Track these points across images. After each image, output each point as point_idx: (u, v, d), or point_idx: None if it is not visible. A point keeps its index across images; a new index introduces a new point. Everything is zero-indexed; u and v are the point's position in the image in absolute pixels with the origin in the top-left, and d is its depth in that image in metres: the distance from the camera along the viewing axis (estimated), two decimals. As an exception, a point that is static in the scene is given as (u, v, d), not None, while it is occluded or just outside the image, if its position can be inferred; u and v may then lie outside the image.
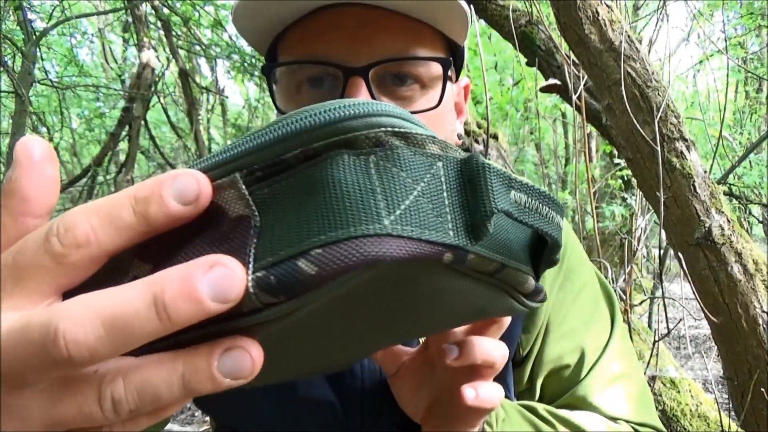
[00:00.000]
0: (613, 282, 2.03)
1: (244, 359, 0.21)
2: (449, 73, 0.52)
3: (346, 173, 0.21)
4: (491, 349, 0.38)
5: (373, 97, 0.48)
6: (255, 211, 0.21)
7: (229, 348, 0.21)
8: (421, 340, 0.49)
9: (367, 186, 0.21)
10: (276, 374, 0.35)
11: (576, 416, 0.55)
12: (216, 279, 0.19)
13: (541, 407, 0.55)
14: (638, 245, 2.08)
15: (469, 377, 0.40)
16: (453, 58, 0.55)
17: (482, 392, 0.39)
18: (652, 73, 1.42)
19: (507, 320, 0.40)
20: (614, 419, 0.57)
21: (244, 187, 0.22)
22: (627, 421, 0.58)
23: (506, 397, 0.49)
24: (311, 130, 0.22)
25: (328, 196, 0.21)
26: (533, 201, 0.26)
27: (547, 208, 0.27)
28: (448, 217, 0.22)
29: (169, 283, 0.20)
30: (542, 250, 0.29)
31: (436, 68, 0.51)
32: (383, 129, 0.22)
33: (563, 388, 0.59)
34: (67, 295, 0.22)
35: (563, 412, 0.55)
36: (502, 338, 0.41)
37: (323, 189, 0.21)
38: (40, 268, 0.21)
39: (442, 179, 0.22)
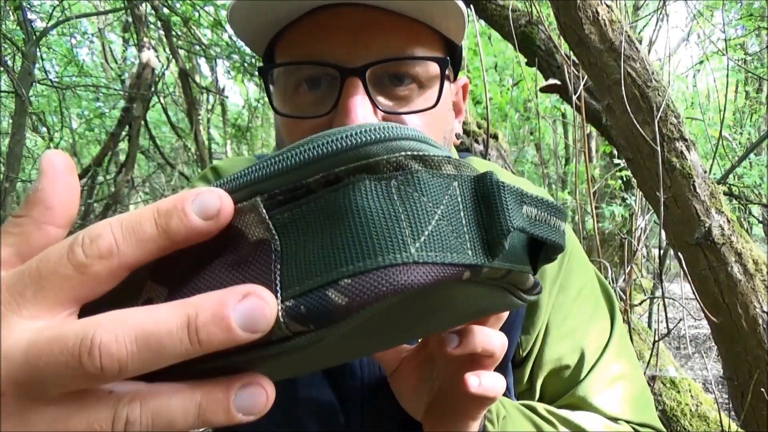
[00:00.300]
0: (613, 282, 2.03)
1: (260, 396, 0.22)
2: (447, 72, 0.52)
3: (369, 199, 0.21)
4: (491, 337, 0.38)
5: (369, 97, 0.48)
6: (275, 236, 0.22)
7: (247, 384, 0.22)
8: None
9: (391, 213, 0.21)
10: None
11: (576, 416, 0.55)
12: (248, 309, 0.20)
13: (541, 407, 0.55)
14: (638, 245, 2.08)
15: (469, 368, 0.40)
16: (451, 58, 0.54)
17: (485, 381, 0.39)
18: (652, 73, 1.42)
19: (506, 312, 0.40)
20: (614, 419, 0.57)
21: (264, 211, 0.22)
22: (627, 422, 0.58)
23: (506, 397, 0.49)
24: (333, 155, 0.22)
25: (352, 223, 0.21)
26: (543, 213, 0.26)
27: (555, 218, 0.27)
28: (466, 237, 0.23)
29: (203, 308, 0.20)
30: (539, 246, 0.30)
31: (434, 68, 0.51)
32: (404, 153, 0.22)
33: (563, 389, 0.59)
34: (82, 313, 0.22)
35: (563, 412, 0.55)
36: None
37: (347, 215, 0.21)
38: (63, 277, 0.21)
39: (459, 199, 0.23)
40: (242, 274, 0.21)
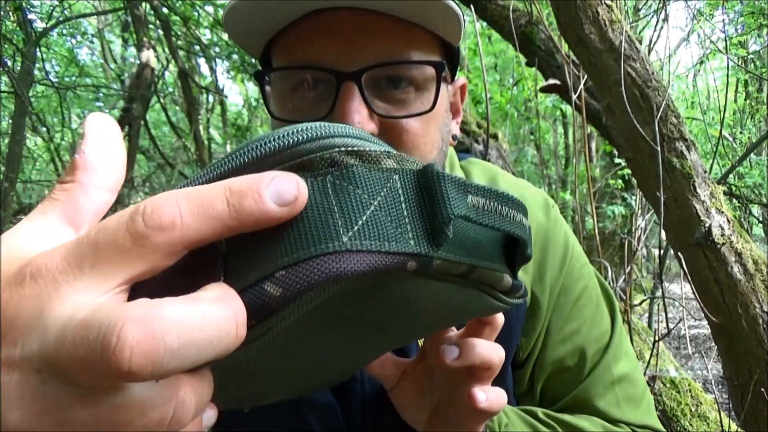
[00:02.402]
0: (613, 282, 2.03)
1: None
2: (444, 74, 0.52)
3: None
4: (490, 350, 0.39)
5: (366, 102, 0.48)
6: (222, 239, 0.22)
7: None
8: (420, 342, 0.49)
9: (325, 206, 0.22)
10: (271, 393, 0.36)
11: (576, 420, 0.55)
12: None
13: (541, 411, 0.55)
14: (638, 245, 2.08)
15: (468, 380, 0.40)
16: (448, 59, 0.54)
17: (491, 396, 0.40)
18: (652, 73, 1.42)
19: (500, 322, 0.40)
20: (614, 422, 0.57)
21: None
22: (627, 423, 0.58)
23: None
24: (269, 156, 0.23)
25: (289, 219, 0.22)
26: (492, 203, 0.27)
27: (508, 208, 0.27)
28: (408, 227, 0.23)
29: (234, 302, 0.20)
30: (515, 249, 0.31)
31: (431, 70, 0.51)
32: (337, 149, 0.23)
33: (564, 391, 0.59)
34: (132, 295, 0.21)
35: (563, 416, 0.56)
36: (501, 341, 0.41)
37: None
38: (120, 249, 0.20)
39: (400, 191, 0.24)
40: (192, 278, 0.21)
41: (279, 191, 0.21)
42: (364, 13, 0.48)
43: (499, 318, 0.40)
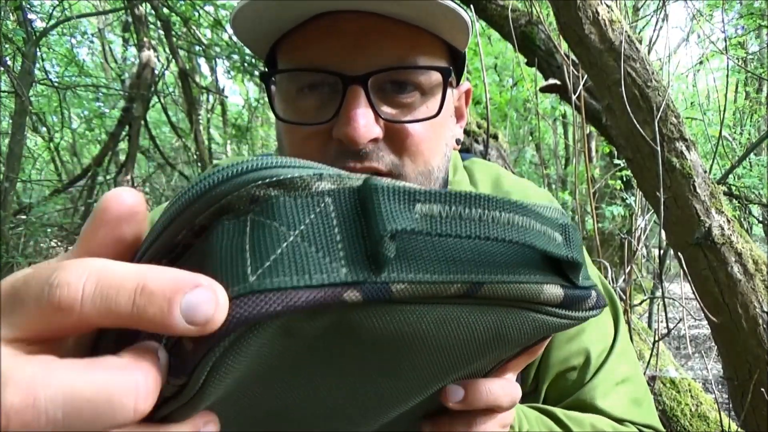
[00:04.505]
0: (613, 282, 2.03)
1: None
2: (450, 79, 0.52)
3: (223, 239, 0.21)
4: (499, 394, 0.35)
5: (372, 105, 0.48)
6: None
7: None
8: None
9: (238, 246, 0.20)
10: None
11: (588, 419, 0.56)
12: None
13: (560, 412, 0.55)
14: (638, 245, 2.08)
15: (476, 418, 0.37)
16: (454, 64, 0.54)
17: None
18: (652, 73, 1.42)
19: (542, 350, 0.36)
20: (620, 421, 0.57)
21: None
22: (632, 423, 0.58)
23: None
24: (189, 205, 0.21)
25: (209, 266, 0.20)
26: (458, 208, 0.22)
27: (489, 211, 0.23)
28: (341, 254, 0.21)
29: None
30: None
31: (437, 76, 0.51)
32: (253, 185, 0.21)
33: (568, 391, 0.59)
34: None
35: (577, 415, 0.55)
36: None
37: (206, 260, 0.21)
38: (27, 310, 0.19)
39: (333, 215, 0.21)
40: (130, 338, 0.21)
41: (194, 306, 0.19)
42: (371, 16, 0.47)
43: (542, 347, 0.35)
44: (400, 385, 0.30)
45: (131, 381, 0.18)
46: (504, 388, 0.36)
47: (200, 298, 0.19)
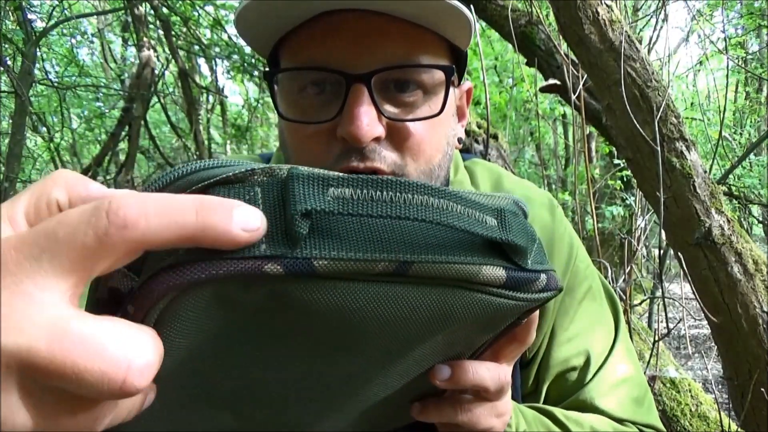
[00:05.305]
0: (613, 282, 2.03)
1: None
2: (452, 78, 0.52)
3: None
4: (484, 375, 0.37)
5: (375, 104, 0.48)
6: (135, 278, 0.25)
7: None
8: None
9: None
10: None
11: (588, 419, 0.56)
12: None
13: (559, 412, 0.55)
14: (638, 245, 2.08)
15: (470, 400, 0.39)
16: (456, 63, 0.54)
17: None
18: (652, 73, 1.42)
19: (530, 340, 0.38)
20: (620, 421, 0.57)
21: (125, 268, 0.24)
22: (633, 423, 0.58)
23: (513, 398, 0.48)
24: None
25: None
26: (367, 191, 0.25)
27: (400, 194, 0.25)
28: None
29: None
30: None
31: (439, 75, 0.51)
32: (203, 183, 0.24)
33: (569, 391, 0.59)
34: None
35: (576, 414, 0.55)
36: None
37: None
38: (81, 244, 0.19)
39: (260, 201, 0.24)
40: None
41: (246, 218, 0.22)
42: (374, 15, 0.47)
43: (530, 335, 0.37)
44: (361, 361, 0.32)
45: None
46: (490, 370, 0.37)
47: (249, 211, 0.23)
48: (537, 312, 0.35)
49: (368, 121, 0.47)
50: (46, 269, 0.19)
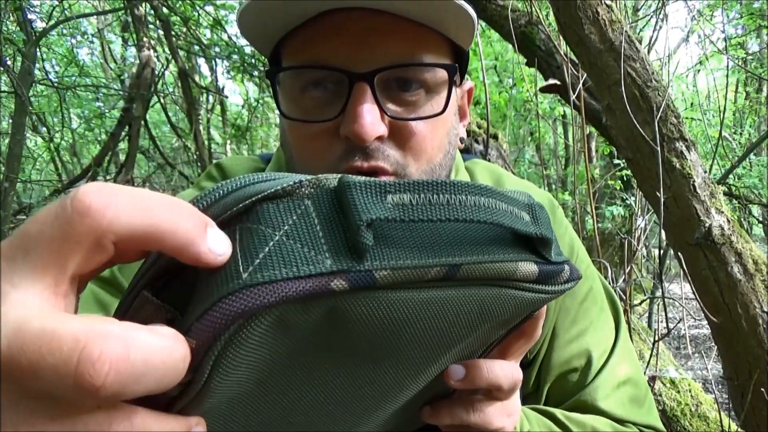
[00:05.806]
0: (613, 282, 2.03)
1: None
2: (454, 78, 0.52)
3: None
4: (499, 374, 0.37)
5: (378, 103, 0.48)
6: (170, 309, 0.23)
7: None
8: None
9: (231, 253, 0.23)
10: None
11: (589, 420, 0.56)
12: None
13: (560, 413, 0.55)
14: (638, 245, 2.08)
15: (481, 398, 0.39)
16: (458, 62, 0.54)
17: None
18: (652, 73, 1.42)
19: (537, 334, 0.38)
20: (621, 422, 0.57)
21: (154, 298, 0.23)
22: (633, 423, 0.58)
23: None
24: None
25: (203, 277, 0.23)
26: (425, 195, 0.24)
27: (456, 195, 0.25)
28: (324, 247, 0.23)
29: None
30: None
31: (442, 74, 0.50)
32: (249, 200, 0.23)
33: (570, 392, 0.59)
34: None
35: (578, 416, 0.55)
36: None
37: (205, 271, 0.23)
38: (49, 238, 0.19)
39: (313, 214, 0.23)
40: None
41: (217, 238, 0.22)
42: (377, 14, 0.47)
43: (537, 331, 0.37)
44: (400, 370, 0.31)
45: (184, 346, 0.20)
46: (503, 368, 0.37)
47: (219, 233, 0.22)
48: (545, 306, 0.35)
49: (371, 120, 0.46)
50: (21, 268, 0.19)
